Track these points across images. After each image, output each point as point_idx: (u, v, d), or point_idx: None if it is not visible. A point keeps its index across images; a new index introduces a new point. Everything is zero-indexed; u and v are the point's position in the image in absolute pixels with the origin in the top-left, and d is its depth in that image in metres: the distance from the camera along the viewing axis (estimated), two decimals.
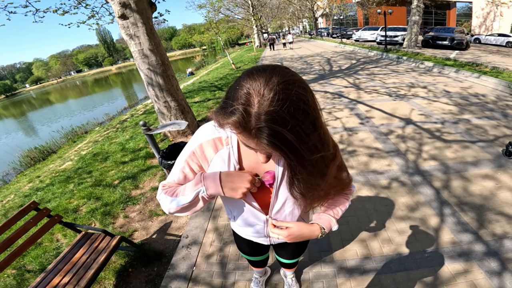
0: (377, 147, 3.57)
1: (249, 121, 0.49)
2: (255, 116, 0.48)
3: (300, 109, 0.50)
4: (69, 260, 1.80)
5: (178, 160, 0.82)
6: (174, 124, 2.65)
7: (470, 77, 6.79)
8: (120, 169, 3.97)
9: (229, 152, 0.76)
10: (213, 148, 0.77)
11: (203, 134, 0.78)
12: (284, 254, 1.29)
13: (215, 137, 0.77)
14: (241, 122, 0.50)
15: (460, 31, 14.08)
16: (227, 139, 0.76)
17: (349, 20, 35.44)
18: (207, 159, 0.78)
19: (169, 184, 0.84)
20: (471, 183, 2.68)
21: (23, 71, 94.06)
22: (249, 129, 0.50)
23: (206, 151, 0.77)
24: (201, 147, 0.77)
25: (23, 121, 20.79)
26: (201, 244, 2.34)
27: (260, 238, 1.03)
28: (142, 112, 8.24)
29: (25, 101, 43.67)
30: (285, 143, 0.51)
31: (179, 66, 35.71)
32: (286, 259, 1.33)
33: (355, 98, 5.85)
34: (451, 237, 2.07)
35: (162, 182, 0.86)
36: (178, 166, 0.82)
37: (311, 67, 11.13)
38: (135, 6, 3.76)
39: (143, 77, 4.25)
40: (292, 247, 1.19)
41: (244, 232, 1.03)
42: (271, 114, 0.47)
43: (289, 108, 0.48)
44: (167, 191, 0.81)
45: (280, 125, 0.48)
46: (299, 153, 0.54)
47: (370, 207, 2.51)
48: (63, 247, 2.52)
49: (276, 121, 0.48)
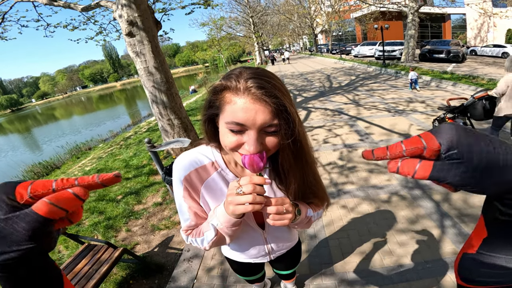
0: (376, 163, 3.60)
1: (241, 77, 0.57)
2: (246, 75, 0.58)
3: (278, 81, 0.60)
4: (71, 270, 1.83)
5: (178, 202, 0.79)
6: (177, 142, 2.73)
7: (467, 90, 6.91)
8: (124, 185, 4.02)
9: (222, 175, 0.75)
10: (199, 179, 0.75)
11: (185, 166, 0.74)
12: (280, 266, 1.31)
13: (198, 166, 0.74)
14: (235, 82, 0.58)
15: (455, 43, 14.26)
16: (214, 165, 0.75)
17: (348, 36, 36.36)
18: (197, 190, 0.76)
19: (189, 228, 0.80)
20: (471, 195, 2.69)
21: (30, 85, 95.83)
22: (242, 86, 0.57)
23: (194, 181, 0.75)
24: (189, 179, 0.74)
25: (28, 137, 21.06)
26: (202, 257, 2.35)
27: (258, 258, 1.02)
28: (146, 129, 8.38)
29: (30, 116, 44.39)
30: (274, 95, 0.57)
31: (182, 83, 36.34)
32: (284, 271, 1.35)
33: (354, 115, 5.94)
34: (453, 248, 2.08)
35: (182, 228, 0.82)
36: (182, 208, 0.78)
37: (311, 84, 11.34)
38: (142, 24, 3.92)
39: (148, 94, 4.37)
40: (287, 258, 1.18)
41: (241, 256, 1.02)
42: (259, 71, 0.59)
43: (268, 74, 0.60)
44: (192, 234, 0.80)
45: (267, 77, 0.58)
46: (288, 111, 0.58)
47: (370, 221, 2.52)
48: (65, 258, 2.55)
49: (264, 73, 0.59)
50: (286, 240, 1.04)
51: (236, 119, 0.56)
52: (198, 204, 0.78)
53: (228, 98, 0.58)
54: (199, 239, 0.77)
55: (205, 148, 0.77)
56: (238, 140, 0.59)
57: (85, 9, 4.93)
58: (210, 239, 0.73)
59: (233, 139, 0.59)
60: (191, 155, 0.75)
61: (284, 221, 0.65)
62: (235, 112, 0.56)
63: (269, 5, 31.70)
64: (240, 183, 0.60)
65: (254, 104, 0.55)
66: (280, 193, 0.78)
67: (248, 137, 0.58)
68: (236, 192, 0.59)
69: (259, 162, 0.59)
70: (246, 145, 0.59)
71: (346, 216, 2.63)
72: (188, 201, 0.77)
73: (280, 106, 0.56)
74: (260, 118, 0.56)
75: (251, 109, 0.56)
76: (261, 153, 0.59)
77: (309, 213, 0.78)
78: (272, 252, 1.02)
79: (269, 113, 0.56)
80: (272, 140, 0.60)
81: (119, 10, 3.88)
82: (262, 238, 0.93)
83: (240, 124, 0.57)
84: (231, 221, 0.66)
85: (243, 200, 0.58)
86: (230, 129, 0.58)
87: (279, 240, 1.00)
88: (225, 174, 0.75)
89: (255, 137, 0.57)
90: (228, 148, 0.62)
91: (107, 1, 4.47)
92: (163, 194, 3.56)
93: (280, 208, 0.63)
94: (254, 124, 0.56)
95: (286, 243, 1.05)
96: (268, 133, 0.59)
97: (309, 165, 0.71)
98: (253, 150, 0.57)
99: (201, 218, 0.80)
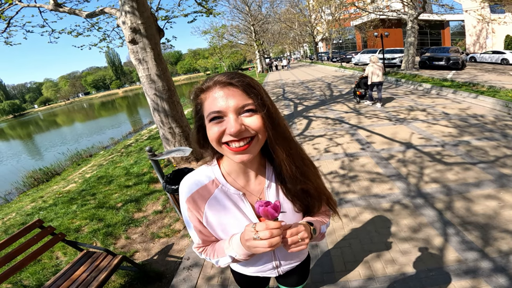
0: (378, 172, 3.59)
1: (211, 78, 0.66)
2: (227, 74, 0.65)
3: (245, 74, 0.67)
4: (69, 277, 1.80)
5: (185, 221, 0.83)
6: (179, 151, 2.73)
7: (467, 97, 6.92)
8: (124, 193, 4.01)
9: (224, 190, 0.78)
10: (202, 199, 0.78)
11: (187, 188, 0.79)
12: (288, 283, 1.18)
13: (199, 187, 0.78)
14: (206, 83, 0.66)
15: (455, 50, 14.33)
16: (214, 182, 0.78)
17: (348, 44, 36.73)
18: (199, 210, 0.79)
19: (199, 245, 0.86)
20: (474, 203, 2.68)
21: (33, 91, 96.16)
22: (211, 83, 0.65)
23: (197, 201, 0.78)
24: (191, 200, 0.78)
25: (29, 143, 21.12)
26: (202, 266, 2.32)
27: (266, 272, 0.99)
28: (147, 137, 8.39)
29: (32, 122, 44.53)
30: (238, 76, 0.64)
31: (183, 90, 36.54)
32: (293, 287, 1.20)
33: (355, 124, 5.94)
34: (456, 256, 2.05)
35: (193, 245, 0.88)
36: (191, 228, 0.83)
37: (312, 92, 11.39)
38: (145, 31, 3.97)
39: (150, 102, 4.38)
40: (296, 274, 1.11)
41: (249, 270, 1.00)
42: (236, 73, 0.66)
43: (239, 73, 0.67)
44: (206, 253, 0.86)
45: (235, 73, 0.65)
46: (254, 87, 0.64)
47: (372, 230, 2.50)
48: (63, 265, 2.52)
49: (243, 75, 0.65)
50: (295, 256, 1.00)
51: (212, 108, 0.62)
52: (201, 224, 0.81)
53: (204, 97, 0.66)
54: (214, 260, 0.83)
55: (205, 168, 0.81)
56: (220, 128, 0.63)
57: (89, 16, 5.00)
58: (225, 262, 0.80)
59: (215, 129, 0.63)
60: (193, 177, 0.80)
61: (301, 247, 0.67)
62: (211, 103, 0.63)
63: (270, 14, 32.14)
64: (256, 229, 0.63)
65: (223, 90, 0.62)
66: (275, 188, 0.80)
67: (227, 121, 0.62)
68: (253, 237, 0.62)
69: (274, 213, 0.62)
70: (227, 129, 0.62)
71: (347, 225, 2.60)
72: (192, 220, 0.81)
73: (246, 85, 0.63)
74: (232, 101, 0.61)
75: (222, 96, 0.62)
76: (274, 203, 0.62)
77: (322, 230, 0.85)
78: (280, 266, 0.97)
79: (239, 95, 0.62)
80: (253, 120, 0.63)
81: (122, 17, 3.94)
82: (270, 253, 0.91)
83: (217, 111, 0.62)
84: (248, 254, 0.73)
85: (260, 245, 0.62)
86: (211, 119, 0.63)
87: (288, 256, 0.96)
88: (227, 190, 0.78)
89: (234, 118, 0.61)
90: (215, 141, 0.65)
91: (111, 8, 4.54)
92: (164, 202, 3.55)
93: (295, 239, 0.66)
94: (228, 107, 0.61)
95: (296, 259, 1.01)
96: (247, 114, 0.63)
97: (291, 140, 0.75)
98: (234, 129, 0.60)
99: (204, 235, 0.84)
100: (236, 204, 0.78)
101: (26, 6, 5.37)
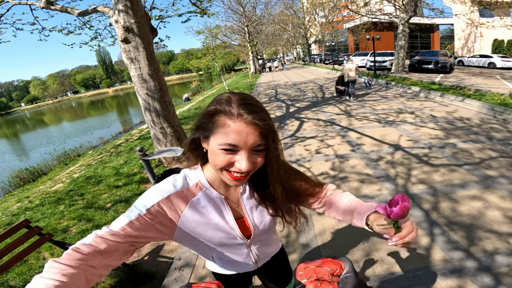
0: (367, 173, 3.65)
1: (232, 102, 0.64)
2: (236, 100, 0.65)
3: (261, 105, 0.68)
4: None
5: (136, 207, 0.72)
6: (170, 151, 2.71)
7: (454, 101, 7.12)
8: (113, 193, 3.95)
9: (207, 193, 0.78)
10: (183, 200, 0.75)
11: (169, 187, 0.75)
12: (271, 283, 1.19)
13: (180, 189, 0.75)
14: (227, 107, 0.64)
15: (443, 54, 14.63)
16: (198, 185, 0.77)
17: (340, 46, 37.18)
18: (176, 211, 0.74)
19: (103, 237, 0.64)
20: (459, 204, 2.75)
21: (20, 89, 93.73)
22: (235, 112, 0.63)
23: (177, 203, 0.74)
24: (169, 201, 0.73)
25: (15, 142, 20.56)
26: (194, 266, 2.32)
27: (245, 266, 1.00)
28: (137, 137, 8.28)
29: (19, 121, 43.40)
30: (263, 118, 0.64)
31: (176, 91, 36.20)
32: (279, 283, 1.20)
33: (346, 125, 6.02)
34: (442, 255, 2.11)
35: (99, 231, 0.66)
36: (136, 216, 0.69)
37: (304, 94, 11.48)
38: (138, 30, 3.92)
39: (141, 102, 4.33)
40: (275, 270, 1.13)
41: (227, 269, 1.01)
42: (246, 97, 0.66)
43: (253, 98, 0.68)
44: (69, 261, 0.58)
45: (254, 102, 0.66)
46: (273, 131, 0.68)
47: (360, 230, 2.53)
48: None
49: (251, 99, 0.66)
50: (267, 243, 1.02)
51: (229, 140, 0.63)
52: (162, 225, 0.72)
53: (221, 121, 0.64)
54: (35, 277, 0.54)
55: (189, 171, 0.81)
56: (230, 159, 0.65)
57: (81, 14, 4.91)
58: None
59: (225, 158, 0.64)
60: (179, 179, 0.79)
61: None
62: (229, 134, 0.63)
63: (264, 15, 32.13)
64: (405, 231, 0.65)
65: (246, 128, 0.63)
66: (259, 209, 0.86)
67: (240, 156, 0.65)
68: None
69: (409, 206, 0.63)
70: (237, 163, 0.65)
71: (338, 226, 2.64)
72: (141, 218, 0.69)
73: (267, 126, 0.65)
74: (251, 139, 0.63)
75: (243, 132, 0.62)
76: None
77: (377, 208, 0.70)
78: (257, 258, 0.99)
79: (258, 135, 0.64)
80: (262, 159, 0.69)
81: (115, 15, 3.89)
82: (246, 247, 0.92)
83: (233, 145, 0.63)
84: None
85: None
86: (223, 148, 0.64)
87: (262, 244, 0.98)
88: (210, 193, 0.79)
89: (247, 156, 0.64)
90: (218, 167, 0.67)
91: (104, 7, 4.47)
92: None
93: None
94: (245, 145, 0.63)
95: (269, 248, 1.04)
96: (257, 152, 0.67)
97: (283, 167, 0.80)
98: (245, 167, 0.64)
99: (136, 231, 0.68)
100: (217, 207, 0.80)
101: (18, 4, 5.23)
